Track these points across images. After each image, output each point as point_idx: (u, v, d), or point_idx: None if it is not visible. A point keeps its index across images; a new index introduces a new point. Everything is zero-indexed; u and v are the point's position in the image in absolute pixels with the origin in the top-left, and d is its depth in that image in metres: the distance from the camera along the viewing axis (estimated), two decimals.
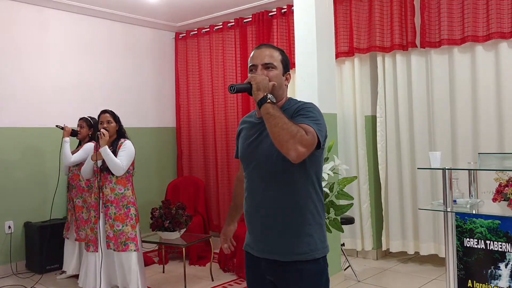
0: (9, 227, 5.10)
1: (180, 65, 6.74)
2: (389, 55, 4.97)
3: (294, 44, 4.52)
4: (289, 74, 2.05)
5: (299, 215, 1.92)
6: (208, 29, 6.35)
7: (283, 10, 5.59)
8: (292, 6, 4.51)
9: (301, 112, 1.89)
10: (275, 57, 1.99)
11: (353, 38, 5.04)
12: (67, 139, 4.59)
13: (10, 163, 5.15)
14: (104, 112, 4.04)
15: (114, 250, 3.90)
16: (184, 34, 6.66)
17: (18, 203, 5.18)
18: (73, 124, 4.83)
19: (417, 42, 4.76)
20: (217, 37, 6.28)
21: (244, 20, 5.96)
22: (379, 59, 5.06)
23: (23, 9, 5.27)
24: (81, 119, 4.78)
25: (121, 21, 6.16)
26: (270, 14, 5.71)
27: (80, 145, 4.78)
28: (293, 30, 4.52)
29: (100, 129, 3.92)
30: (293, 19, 4.51)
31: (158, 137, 6.55)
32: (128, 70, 6.26)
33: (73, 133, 4.69)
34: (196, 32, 6.52)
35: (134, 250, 3.90)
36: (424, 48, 4.73)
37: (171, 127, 6.78)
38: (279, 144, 1.76)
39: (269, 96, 1.84)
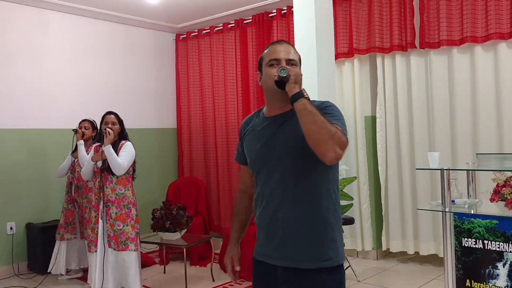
0: (11, 228, 5.13)
1: (180, 66, 6.76)
2: (389, 56, 4.98)
3: (293, 45, 4.52)
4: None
5: (321, 218, 1.80)
6: (209, 30, 6.38)
7: (283, 11, 5.61)
8: (292, 7, 4.53)
9: (325, 110, 1.80)
10: (295, 53, 1.93)
11: (353, 39, 5.06)
12: (82, 141, 4.58)
13: (12, 165, 5.17)
14: (109, 113, 4.11)
15: (114, 249, 3.93)
16: (185, 36, 6.68)
17: (20, 204, 5.20)
18: (74, 125, 4.85)
19: (417, 42, 4.78)
20: (218, 38, 6.31)
21: (244, 21, 5.99)
22: (378, 60, 5.08)
23: (23, 11, 5.30)
24: (84, 120, 4.81)
25: (121, 22, 6.19)
26: (270, 15, 5.73)
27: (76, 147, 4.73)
28: (293, 31, 4.53)
29: (105, 128, 3.97)
30: (293, 20, 4.53)
31: (159, 138, 6.58)
32: (129, 71, 6.28)
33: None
34: (196, 33, 6.54)
35: (134, 250, 3.94)
36: (424, 48, 4.74)
37: (172, 128, 6.81)
38: (315, 143, 1.65)
39: (305, 91, 1.73)
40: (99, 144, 4.07)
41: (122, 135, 4.12)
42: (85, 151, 4.53)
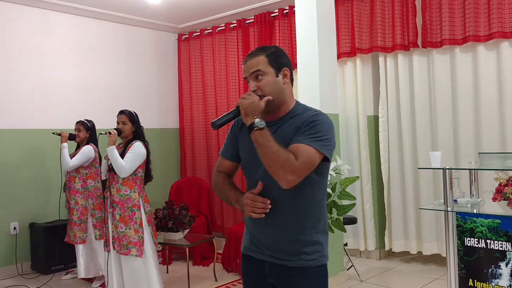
0: (15, 228, 5.14)
1: (182, 66, 6.77)
2: (391, 55, 4.98)
3: (296, 45, 4.54)
4: (286, 69, 1.91)
5: (308, 221, 1.88)
6: (211, 30, 6.38)
7: (285, 11, 5.60)
8: (294, 7, 4.53)
9: (307, 127, 1.81)
10: (261, 61, 1.87)
11: (355, 39, 5.06)
12: (65, 144, 4.60)
13: (14, 165, 5.19)
14: (120, 112, 4.02)
15: (117, 251, 3.87)
16: (187, 36, 6.69)
17: (23, 204, 5.22)
18: (73, 125, 4.83)
19: (419, 42, 4.77)
20: (220, 38, 6.31)
21: (246, 21, 5.98)
22: (381, 59, 5.07)
23: (26, 12, 5.31)
24: (78, 122, 4.76)
25: (123, 23, 6.20)
26: (272, 15, 5.73)
27: (78, 148, 4.76)
28: (295, 31, 4.54)
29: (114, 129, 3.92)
30: (295, 20, 4.54)
31: (161, 138, 6.58)
32: (131, 71, 6.29)
33: (71, 137, 4.69)
34: (198, 33, 6.54)
35: (136, 255, 3.80)
36: (426, 48, 4.74)
37: (174, 128, 6.81)
38: (271, 173, 1.76)
39: (257, 121, 1.78)
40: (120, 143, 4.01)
41: (136, 133, 4.01)
42: (68, 155, 4.56)
